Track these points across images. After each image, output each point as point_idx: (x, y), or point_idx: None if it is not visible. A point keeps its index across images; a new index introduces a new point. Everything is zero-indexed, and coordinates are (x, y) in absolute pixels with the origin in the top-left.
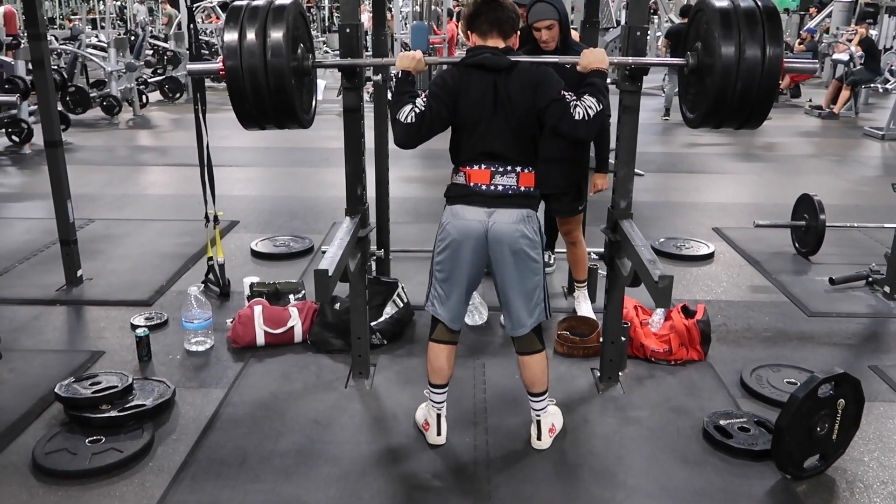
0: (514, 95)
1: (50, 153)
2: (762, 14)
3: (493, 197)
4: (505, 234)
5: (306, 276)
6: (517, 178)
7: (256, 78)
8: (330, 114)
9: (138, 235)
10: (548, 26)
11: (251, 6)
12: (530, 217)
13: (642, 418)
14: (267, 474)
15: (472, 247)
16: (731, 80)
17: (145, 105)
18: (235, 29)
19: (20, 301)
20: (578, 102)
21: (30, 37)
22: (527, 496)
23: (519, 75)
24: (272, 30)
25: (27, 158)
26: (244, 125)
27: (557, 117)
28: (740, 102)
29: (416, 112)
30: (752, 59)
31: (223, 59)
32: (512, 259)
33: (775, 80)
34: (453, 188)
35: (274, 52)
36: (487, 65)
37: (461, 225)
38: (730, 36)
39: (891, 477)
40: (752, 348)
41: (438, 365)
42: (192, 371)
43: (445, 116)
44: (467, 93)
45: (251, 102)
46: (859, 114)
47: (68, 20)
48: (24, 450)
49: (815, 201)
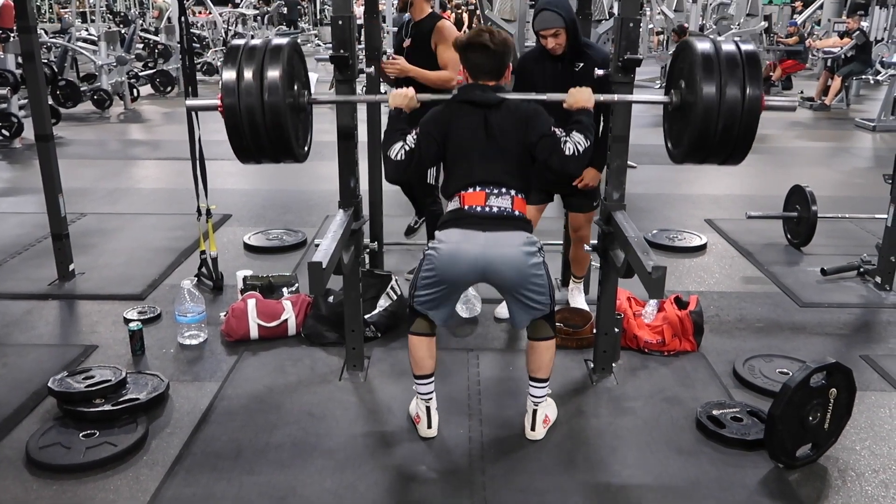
0: (505, 128)
1: (41, 147)
2: (743, 57)
3: (488, 218)
4: (509, 259)
5: (300, 270)
6: (511, 202)
7: (254, 116)
8: (322, 106)
9: (131, 229)
10: (553, 34)
11: (249, 46)
12: (530, 238)
13: (636, 409)
14: (262, 467)
15: (464, 272)
16: (713, 120)
17: (136, 99)
18: (234, 68)
19: (12, 296)
20: (568, 138)
21: (20, 30)
22: (521, 487)
23: (509, 110)
24: (269, 69)
25: (18, 153)
26: (241, 160)
27: (548, 152)
28: (722, 141)
29: (406, 150)
30: (732, 100)
31: (221, 96)
32: (519, 282)
33: (755, 119)
34: (447, 215)
35: (271, 91)
36: (477, 101)
37: (452, 249)
38: (711, 78)
39: (882, 465)
40: (744, 339)
41: (419, 356)
42: (185, 365)
43: (434, 152)
44: (458, 127)
45: (248, 139)
46: (850, 105)
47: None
48: (18, 444)
49: (806, 192)
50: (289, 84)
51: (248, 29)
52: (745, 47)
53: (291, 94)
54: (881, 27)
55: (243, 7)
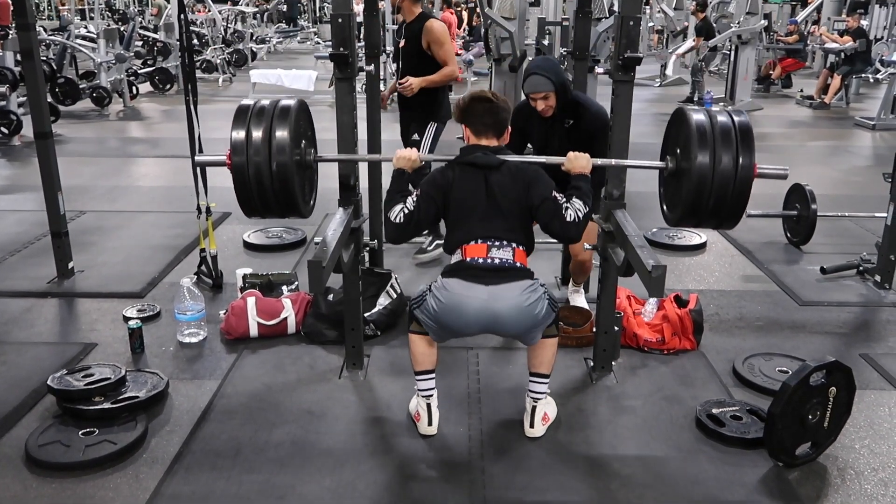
0: (506, 189)
1: (40, 145)
2: (736, 128)
3: (490, 270)
4: (513, 310)
5: (299, 268)
6: (513, 253)
7: (261, 174)
8: (322, 105)
9: (130, 227)
10: (543, 97)
11: (258, 106)
12: (531, 285)
13: (635, 407)
14: (261, 465)
15: (468, 323)
16: (707, 188)
17: (135, 96)
18: (243, 128)
19: (11, 293)
20: (569, 204)
21: (19, 27)
22: (521, 485)
23: (510, 172)
24: (278, 129)
25: (17, 150)
26: (246, 214)
27: (549, 217)
28: (716, 207)
29: (405, 213)
30: (726, 170)
31: (229, 154)
32: (525, 329)
33: (748, 187)
34: (450, 266)
35: (278, 151)
36: (479, 163)
37: (456, 301)
38: (705, 147)
39: (881, 464)
40: (744, 337)
41: (419, 351)
42: (185, 363)
43: (433, 214)
44: (459, 188)
45: (255, 195)
46: (850, 103)
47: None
48: (18, 442)
49: (806, 191)
50: (296, 142)
51: (247, 27)
52: (737, 118)
53: (298, 152)
54: (881, 25)
55: (243, 5)
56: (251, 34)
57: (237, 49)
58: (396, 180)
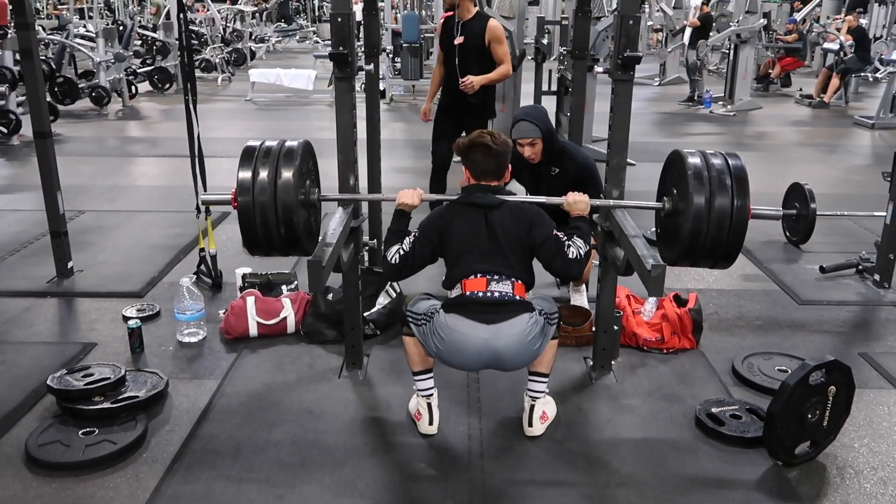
0: (507, 227)
1: (39, 144)
2: (731, 170)
3: (490, 304)
4: (514, 347)
5: (299, 267)
6: (512, 287)
7: (266, 214)
8: (321, 104)
9: (129, 227)
10: (530, 143)
11: (265, 147)
12: (531, 318)
13: (635, 406)
14: (261, 465)
15: (469, 361)
16: (703, 229)
17: (134, 96)
18: (249, 168)
19: (11, 293)
20: (571, 242)
21: (17, 26)
22: (521, 484)
23: (511, 211)
24: (283, 169)
25: (16, 150)
26: (251, 252)
27: (552, 255)
28: (711, 248)
29: (401, 254)
30: (721, 211)
31: (235, 193)
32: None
33: (743, 228)
34: (450, 300)
35: (283, 190)
36: (479, 203)
37: (457, 340)
38: (701, 189)
39: (881, 462)
40: (743, 336)
41: (414, 352)
42: (185, 362)
43: (429, 254)
44: (459, 227)
45: (260, 234)
46: (849, 103)
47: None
48: (18, 442)
49: (805, 190)
50: (301, 182)
51: (246, 26)
52: (732, 161)
53: (303, 191)
54: (880, 24)
55: (242, 4)
56: (250, 33)
57: (236, 48)
58: (396, 220)
